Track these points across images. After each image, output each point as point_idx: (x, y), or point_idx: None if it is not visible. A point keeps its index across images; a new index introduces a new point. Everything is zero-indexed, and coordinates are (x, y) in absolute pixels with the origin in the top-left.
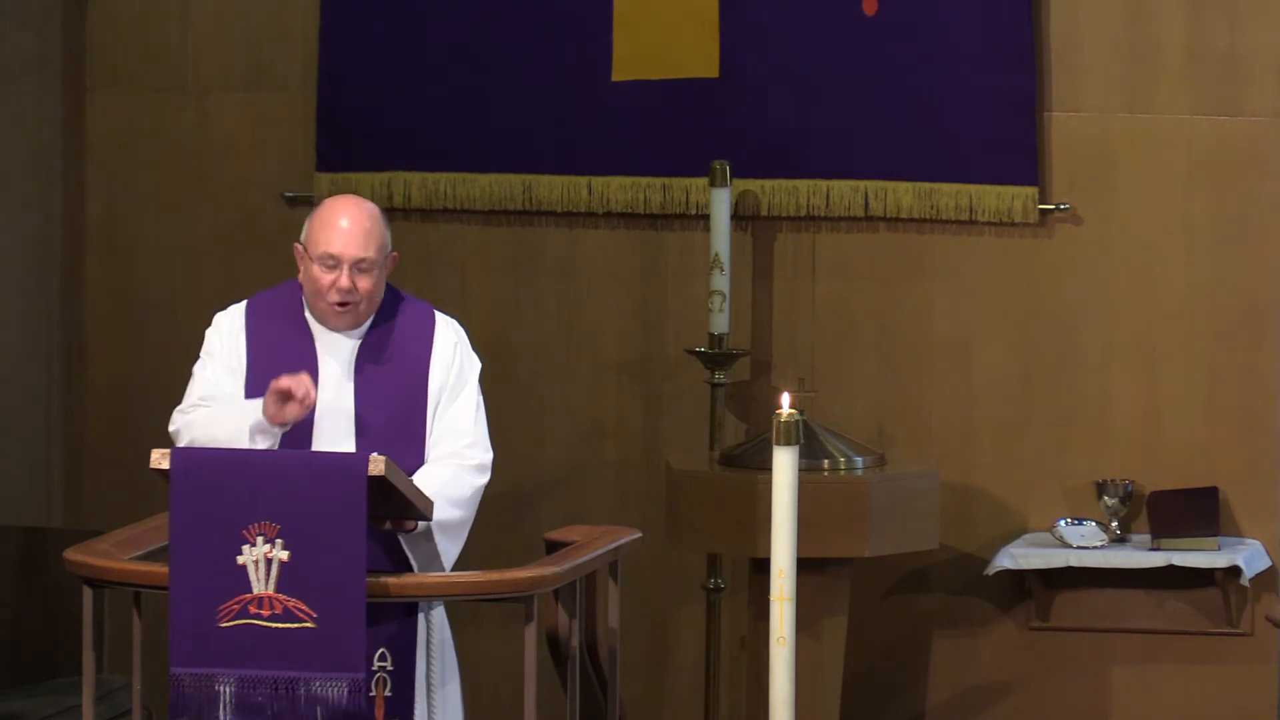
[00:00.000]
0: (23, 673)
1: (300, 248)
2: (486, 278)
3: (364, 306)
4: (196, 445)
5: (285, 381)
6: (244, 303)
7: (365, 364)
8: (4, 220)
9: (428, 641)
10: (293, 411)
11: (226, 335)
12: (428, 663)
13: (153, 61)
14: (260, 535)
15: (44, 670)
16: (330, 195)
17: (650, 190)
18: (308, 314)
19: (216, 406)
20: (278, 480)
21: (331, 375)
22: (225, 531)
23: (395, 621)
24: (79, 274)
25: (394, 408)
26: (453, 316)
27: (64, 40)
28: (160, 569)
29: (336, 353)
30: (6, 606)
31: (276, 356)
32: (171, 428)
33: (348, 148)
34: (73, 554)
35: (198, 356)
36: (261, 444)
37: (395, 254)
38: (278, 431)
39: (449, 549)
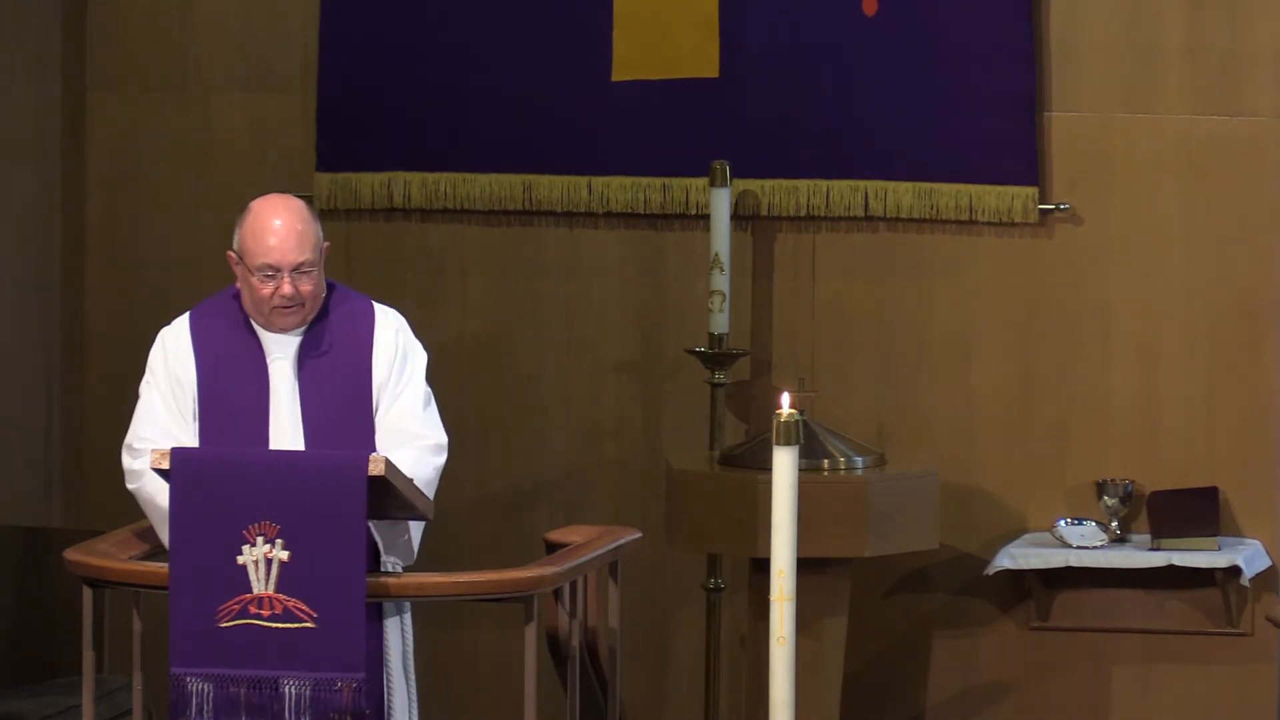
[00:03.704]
0: (23, 673)
1: (234, 255)
2: (486, 278)
3: (309, 305)
4: (143, 496)
5: None
6: (187, 315)
7: (308, 359)
8: (4, 220)
9: (402, 648)
10: None
11: (172, 355)
12: (403, 668)
13: (153, 61)
14: (260, 535)
15: (44, 670)
16: (329, 195)
17: (650, 190)
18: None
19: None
20: (278, 480)
21: (282, 375)
22: (225, 531)
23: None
24: (79, 274)
25: (340, 400)
26: (453, 316)
27: (64, 40)
28: (160, 569)
29: (284, 351)
30: (6, 606)
31: (226, 364)
32: (125, 465)
33: (348, 148)
34: (73, 554)
35: None
36: None
37: (327, 243)
38: None
39: (415, 533)
